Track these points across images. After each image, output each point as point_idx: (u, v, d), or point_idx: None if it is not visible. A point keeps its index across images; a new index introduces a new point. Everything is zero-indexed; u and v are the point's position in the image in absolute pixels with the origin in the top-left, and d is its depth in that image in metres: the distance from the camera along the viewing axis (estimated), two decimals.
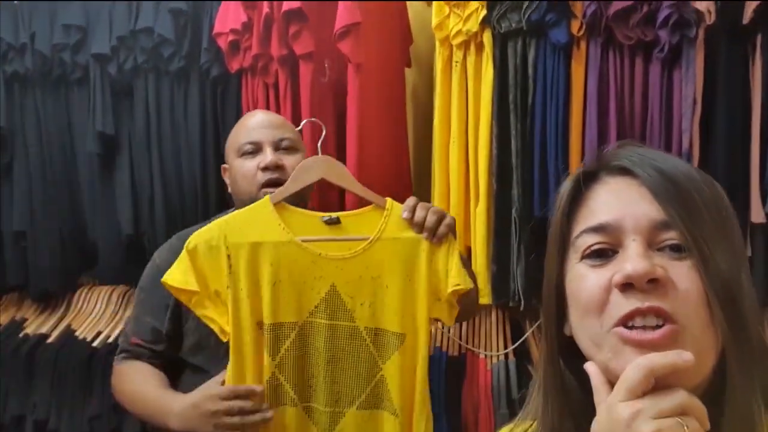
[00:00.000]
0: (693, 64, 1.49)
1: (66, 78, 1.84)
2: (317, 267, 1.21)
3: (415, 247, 1.22)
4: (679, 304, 0.55)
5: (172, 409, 1.24)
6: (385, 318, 1.22)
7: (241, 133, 1.42)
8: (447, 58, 1.57)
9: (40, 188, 1.86)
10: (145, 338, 1.37)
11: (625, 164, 0.61)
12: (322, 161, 1.30)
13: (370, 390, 1.22)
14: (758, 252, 1.52)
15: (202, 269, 1.19)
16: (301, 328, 1.21)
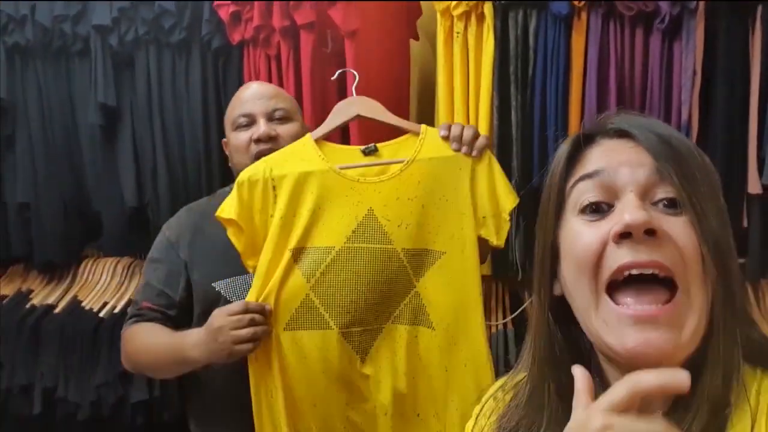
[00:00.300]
0: (693, 35, 1.50)
1: (67, 49, 1.83)
2: (355, 192, 1.24)
3: (453, 166, 1.24)
4: (676, 259, 0.56)
5: (189, 342, 1.25)
6: (422, 237, 1.23)
7: (235, 106, 1.42)
8: (448, 29, 1.57)
9: (43, 160, 1.87)
10: (158, 303, 1.37)
11: (622, 126, 0.62)
12: (358, 100, 1.34)
13: (404, 305, 1.24)
14: (754, 223, 1.54)
15: (248, 201, 1.25)
16: (338, 253, 1.23)
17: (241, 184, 1.25)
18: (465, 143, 1.24)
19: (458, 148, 1.24)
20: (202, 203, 1.48)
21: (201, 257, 1.37)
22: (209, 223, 1.38)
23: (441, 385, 1.24)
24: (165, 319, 1.36)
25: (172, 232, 1.41)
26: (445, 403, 1.24)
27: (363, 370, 1.24)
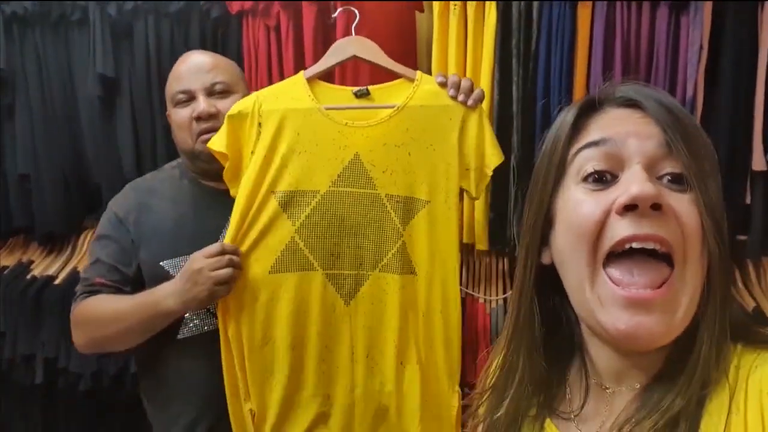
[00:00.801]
0: (701, 9, 1.47)
1: (66, 19, 1.82)
2: (342, 136, 1.24)
3: (444, 115, 1.23)
4: (677, 235, 0.55)
5: (161, 293, 1.24)
6: (407, 185, 1.24)
7: (173, 81, 1.37)
8: (443, 3, 1.55)
9: (43, 131, 1.86)
10: (112, 278, 1.33)
11: (631, 96, 0.60)
12: (354, 40, 1.32)
13: (392, 255, 1.24)
14: (757, 200, 1.53)
15: (236, 134, 1.25)
16: (323, 197, 1.24)
17: (231, 117, 1.25)
18: (463, 91, 1.23)
19: (455, 95, 1.23)
20: (147, 179, 1.44)
21: (148, 235, 1.34)
22: (156, 200, 1.37)
23: (422, 331, 1.25)
24: (120, 294, 1.32)
25: (119, 209, 1.37)
26: (425, 348, 1.25)
27: (347, 313, 1.25)
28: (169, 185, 1.40)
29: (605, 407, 0.63)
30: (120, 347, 1.38)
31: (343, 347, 1.26)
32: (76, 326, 1.33)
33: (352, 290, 1.25)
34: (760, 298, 1.60)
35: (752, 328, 0.60)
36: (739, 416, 0.54)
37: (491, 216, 1.63)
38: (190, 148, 1.34)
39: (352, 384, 1.26)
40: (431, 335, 1.25)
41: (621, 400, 0.61)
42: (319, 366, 1.26)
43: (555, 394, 0.68)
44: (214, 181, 1.38)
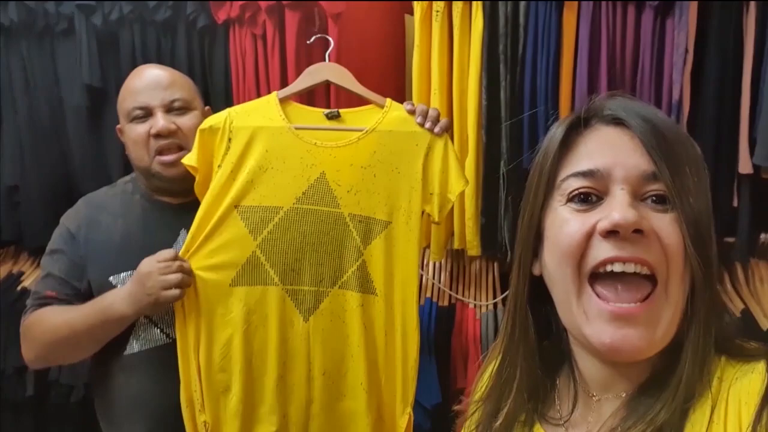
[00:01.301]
0: (686, 12, 1.47)
1: (51, 29, 1.81)
2: (310, 155, 1.27)
3: (411, 141, 1.28)
4: (659, 256, 0.57)
5: (112, 298, 1.24)
6: (370, 206, 1.27)
7: (128, 96, 1.34)
8: (426, 7, 1.54)
9: (31, 142, 1.86)
10: (63, 291, 1.32)
11: (619, 114, 0.61)
12: (327, 66, 1.37)
13: (352, 272, 1.27)
14: (744, 203, 1.53)
15: (208, 148, 1.28)
16: (286, 213, 1.26)
17: (202, 131, 1.27)
18: (430, 119, 1.27)
19: (422, 122, 1.27)
20: (100, 194, 1.43)
21: (96, 252, 1.33)
22: (106, 216, 1.36)
23: (381, 350, 1.27)
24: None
25: (71, 224, 1.36)
26: (384, 368, 1.27)
27: (305, 329, 1.26)
28: (120, 201, 1.39)
29: (592, 414, 0.64)
30: (71, 358, 1.37)
31: (300, 364, 1.27)
32: (25, 339, 1.32)
33: (312, 306, 1.27)
34: (748, 299, 1.61)
35: (736, 342, 0.61)
36: (719, 427, 0.55)
37: (482, 221, 1.63)
38: (147, 164, 1.33)
39: (308, 400, 1.27)
40: (390, 354, 1.27)
41: (608, 408, 0.63)
42: (277, 382, 1.26)
43: (545, 401, 0.69)
44: (168, 197, 1.38)
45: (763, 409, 0.53)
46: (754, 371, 0.57)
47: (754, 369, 0.57)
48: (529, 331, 0.67)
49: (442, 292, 1.78)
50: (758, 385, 0.55)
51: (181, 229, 1.35)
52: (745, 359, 0.59)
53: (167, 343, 1.31)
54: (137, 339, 1.30)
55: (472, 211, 1.61)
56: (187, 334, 1.25)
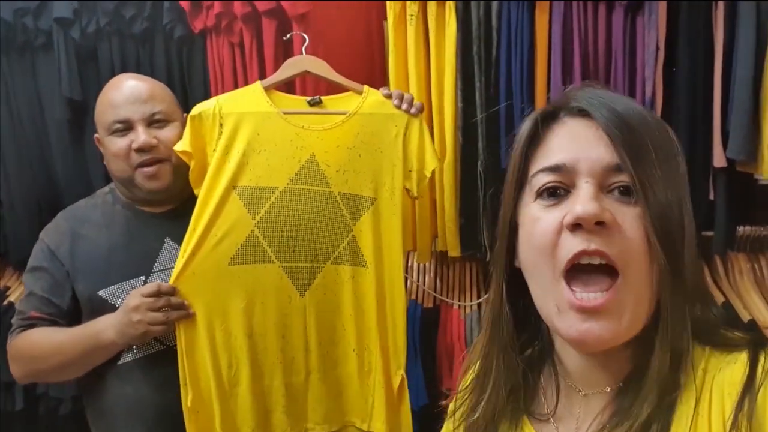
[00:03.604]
0: (656, 10, 1.49)
1: (30, 44, 1.81)
2: (299, 138, 1.33)
3: (390, 122, 1.36)
4: (623, 250, 0.57)
5: (102, 325, 1.25)
6: (357, 184, 1.34)
7: (108, 109, 1.33)
8: (399, 12, 1.56)
9: (14, 157, 1.86)
10: (47, 311, 1.31)
11: (584, 106, 0.61)
12: (306, 58, 1.43)
13: (343, 247, 1.34)
14: (720, 196, 1.55)
15: (199, 134, 1.31)
16: (281, 193, 1.31)
17: (192, 118, 1.31)
18: (406, 101, 1.36)
19: (399, 105, 1.36)
20: (80, 206, 1.42)
21: (83, 266, 1.32)
22: (88, 228, 1.35)
23: (372, 317, 1.34)
24: (56, 326, 1.31)
25: (51, 240, 1.35)
26: (375, 334, 1.34)
27: (302, 304, 1.32)
28: (102, 212, 1.38)
29: (579, 409, 0.65)
30: (61, 379, 1.39)
31: (297, 337, 1.33)
32: (14, 360, 1.33)
33: (307, 282, 1.33)
34: (728, 292, 1.62)
35: (720, 331, 0.62)
36: (704, 418, 0.56)
37: (462, 222, 1.65)
38: (128, 176, 1.33)
39: (307, 371, 1.34)
40: (381, 320, 1.35)
41: (595, 404, 0.63)
42: (278, 356, 1.32)
43: (530, 396, 0.70)
44: (150, 206, 1.38)
45: (744, 397, 0.54)
46: (737, 361, 0.57)
47: (737, 359, 0.58)
48: (507, 325, 0.68)
49: (426, 294, 1.79)
50: (740, 376, 0.56)
51: (166, 238, 1.36)
52: (728, 349, 0.59)
53: (161, 350, 1.32)
54: (131, 348, 1.31)
55: (452, 213, 1.62)
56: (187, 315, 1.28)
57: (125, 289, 1.31)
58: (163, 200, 1.38)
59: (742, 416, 0.53)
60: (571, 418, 0.66)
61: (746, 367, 0.56)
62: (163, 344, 1.32)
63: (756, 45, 1.46)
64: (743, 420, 0.53)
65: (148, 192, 1.34)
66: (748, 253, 1.66)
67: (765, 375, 0.55)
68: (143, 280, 1.33)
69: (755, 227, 1.64)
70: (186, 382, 1.27)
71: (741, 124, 1.47)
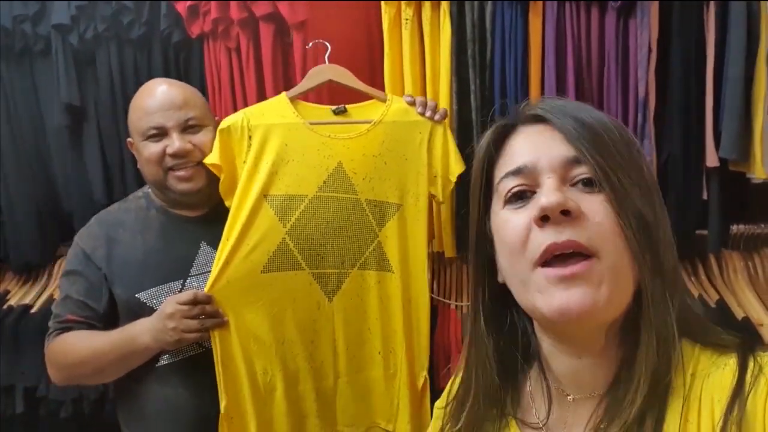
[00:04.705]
0: (648, 12, 1.50)
1: (29, 50, 1.82)
2: (326, 147, 1.36)
3: (414, 129, 1.39)
4: (593, 235, 0.58)
5: (138, 329, 1.26)
6: (383, 190, 1.38)
7: (142, 115, 1.34)
8: (394, 15, 1.57)
9: (13, 163, 1.87)
10: (83, 315, 1.33)
11: (538, 112, 0.64)
12: (329, 67, 1.46)
13: (369, 252, 1.37)
14: (713, 195, 1.56)
15: (228, 147, 1.35)
16: (310, 201, 1.35)
17: (221, 131, 1.34)
18: (429, 108, 1.39)
19: (423, 112, 1.39)
20: (113, 211, 1.43)
21: (120, 269, 1.34)
22: (123, 232, 1.37)
23: (398, 320, 1.38)
24: (92, 329, 1.32)
25: (86, 244, 1.36)
26: (401, 337, 1.38)
27: (330, 309, 1.35)
28: (136, 216, 1.40)
29: (570, 415, 0.65)
30: (98, 381, 1.42)
31: (326, 342, 1.37)
32: (52, 364, 1.34)
33: (335, 287, 1.36)
34: (722, 290, 1.64)
35: (709, 329, 0.62)
36: (693, 425, 0.56)
37: (458, 223, 1.66)
38: (161, 179, 1.35)
39: (336, 374, 1.38)
40: (407, 324, 1.38)
41: (584, 409, 0.64)
42: (308, 361, 1.35)
43: (517, 401, 0.70)
44: (185, 210, 1.40)
45: (733, 403, 0.54)
46: (725, 366, 0.57)
47: (725, 364, 0.57)
48: (485, 337, 0.68)
49: None
50: (729, 381, 0.55)
51: (201, 242, 1.38)
52: (718, 350, 0.59)
53: (200, 353, 1.33)
54: (170, 350, 1.32)
55: (448, 213, 1.63)
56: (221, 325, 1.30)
57: (163, 292, 1.33)
58: (196, 203, 1.39)
59: (731, 422, 0.53)
60: (561, 424, 0.66)
61: (735, 373, 0.56)
62: (202, 347, 1.33)
63: (747, 45, 1.48)
64: (732, 426, 0.53)
65: (181, 194, 1.36)
66: (741, 251, 1.68)
67: (754, 380, 0.55)
68: (181, 284, 1.35)
69: (749, 226, 1.66)
70: (222, 389, 1.29)
71: (733, 124, 1.49)
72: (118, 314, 1.35)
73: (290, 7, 1.57)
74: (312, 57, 1.46)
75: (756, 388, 0.54)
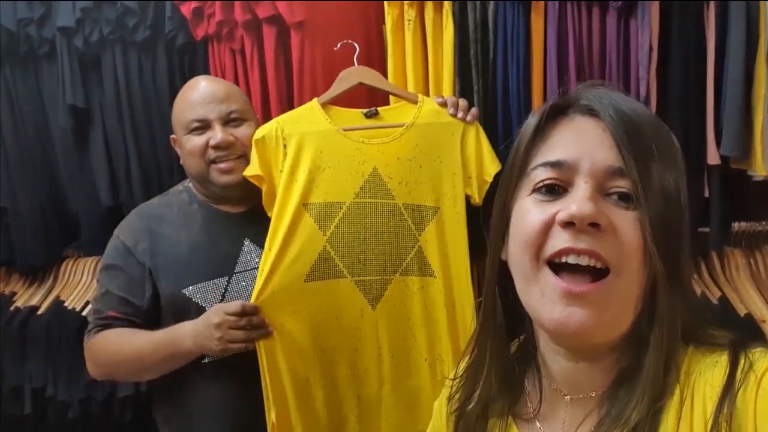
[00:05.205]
0: (648, 11, 1.51)
1: (34, 53, 1.84)
2: (361, 153, 1.36)
3: (447, 131, 1.38)
4: (617, 252, 0.57)
5: (182, 332, 1.26)
6: (420, 194, 1.37)
7: (186, 108, 1.36)
8: (397, 17, 1.58)
9: (18, 164, 1.88)
10: (124, 311, 1.32)
11: (593, 105, 0.61)
12: (359, 69, 1.47)
13: (411, 258, 1.36)
14: (715, 193, 1.57)
15: (265, 157, 1.35)
16: (348, 208, 1.35)
17: (257, 142, 1.35)
18: (461, 109, 1.38)
19: (455, 113, 1.38)
20: (153, 205, 1.43)
21: (165, 263, 1.33)
22: (166, 227, 1.37)
23: (443, 327, 1.36)
24: (133, 327, 1.32)
25: (127, 238, 1.35)
26: (447, 343, 1.36)
27: (374, 316, 1.34)
28: (178, 210, 1.40)
29: (564, 412, 0.65)
30: (138, 379, 1.43)
31: (370, 349, 1.36)
32: (92, 360, 1.35)
33: (378, 294, 1.36)
34: (725, 287, 1.65)
35: (702, 328, 0.62)
36: (686, 422, 0.56)
37: None
38: (203, 172, 1.36)
39: (380, 382, 1.37)
40: (452, 329, 1.36)
41: (580, 408, 0.64)
42: (350, 369, 1.35)
43: (515, 397, 0.71)
44: (227, 205, 1.40)
45: (724, 400, 0.54)
46: (717, 364, 0.57)
47: (717, 362, 0.57)
48: (498, 315, 0.68)
49: None
50: (720, 379, 0.56)
51: (245, 239, 1.39)
52: (710, 348, 0.59)
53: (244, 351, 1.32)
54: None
55: None
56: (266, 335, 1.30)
57: (209, 288, 1.34)
58: (238, 198, 1.40)
59: (722, 419, 0.53)
60: (556, 420, 0.66)
61: (726, 370, 0.56)
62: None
63: (747, 43, 1.48)
64: (723, 423, 0.53)
65: (223, 187, 1.37)
66: (743, 248, 1.69)
67: (744, 377, 0.55)
68: (226, 281, 1.35)
69: (750, 223, 1.66)
70: (269, 398, 1.29)
71: (734, 122, 1.50)
72: (160, 309, 1.34)
73: (289, 7, 1.59)
74: (309, 57, 1.47)
75: (746, 385, 0.54)
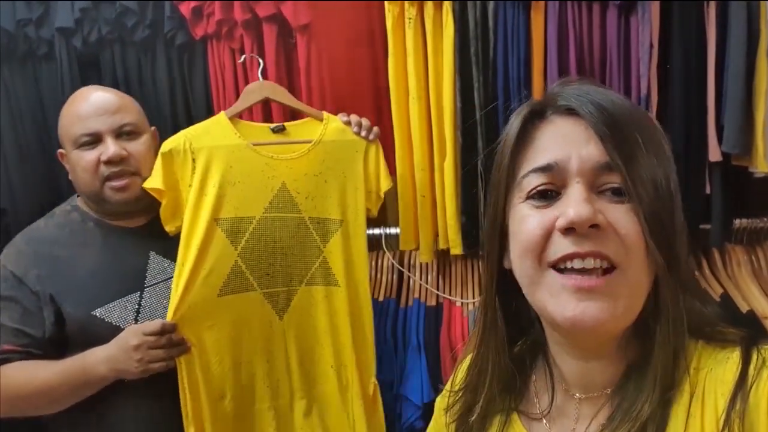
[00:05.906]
0: (648, 8, 1.51)
1: (33, 54, 1.83)
2: (270, 168, 1.40)
3: (351, 148, 1.47)
4: (618, 248, 0.57)
5: (94, 359, 1.20)
6: (325, 208, 1.43)
7: (75, 121, 1.29)
8: (397, 15, 1.58)
9: (18, 166, 1.87)
10: (21, 343, 1.24)
11: (571, 104, 0.61)
12: (265, 84, 1.52)
13: (315, 268, 1.43)
14: (716, 189, 1.57)
15: (171, 171, 1.35)
16: (258, 222, 1.38)
17: (164, 155, 1.34)
18: (365, 128, 1.46)
19: (358, 132, 1.46)
20: (39, 228, 1.35)
21: (69, 287, 1.27)
22: (60, 249, 1.30)
23: (346, 334, 1.42)
24: (31, 359, 1.24)
25: (15, 266, 1.27)
26: (350, 350, 1.43)
27: (281, 327, 1.39)
28: (71, 231, 1.34)
29: (574, 410, 0.65)
30: (48, 412, 1.30)
31: (280, 360, 1.41)
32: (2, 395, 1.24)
33: (285, 305, 1.41)
34: (726, 283, 1.64)
35: (712, 324, 0.62)
36: (696, 419, 0.56)
37: (463, 220, 1.67)
38: (96, 190, 1.30)
39: (291, 392, 1.42)
40: (356, 335, 1.43)
41: (591, 407, 0.64)
42: (265, 381, 1.38)
43: (521, 394, 0.71)
44: (124, 220, 1.36)
45: (736, 396, 0.54)
46: (729, 360, 0.57)
47: (729, 358, 0.58)
48: (498, 324, 0.68)
49: (429, 292, 1.81)
50: (732, 375, 0.56)
51: (150, 252, 1.36)
52: (721, 344, 0.59)
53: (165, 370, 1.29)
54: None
55: (453, 211, 1.64)
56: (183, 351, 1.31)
57: (121, 306, 1.30)
58: (135, 212, 1.36)
59: (734, 415, 0.53)
60: (565, 419, 0.66)
61: (738, 366, 0.56)
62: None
63: (748, 40, 1.48)
64: (735, 419, 0.53)
65: (118, 204, 1.32)
66: (745, 245, 1.69)
67: (757, 373, 0.55)
68: (139, 296, 1.32)
69: (752, 219, 1.66)
70: (188, 415, 1.29)
71: (735, 119, 1.50)
72: (65, 335, 1.27)
73: (293, 9, 1.58)
74: (316, 59, 1.47)
75: (759, 381, 0.54)
